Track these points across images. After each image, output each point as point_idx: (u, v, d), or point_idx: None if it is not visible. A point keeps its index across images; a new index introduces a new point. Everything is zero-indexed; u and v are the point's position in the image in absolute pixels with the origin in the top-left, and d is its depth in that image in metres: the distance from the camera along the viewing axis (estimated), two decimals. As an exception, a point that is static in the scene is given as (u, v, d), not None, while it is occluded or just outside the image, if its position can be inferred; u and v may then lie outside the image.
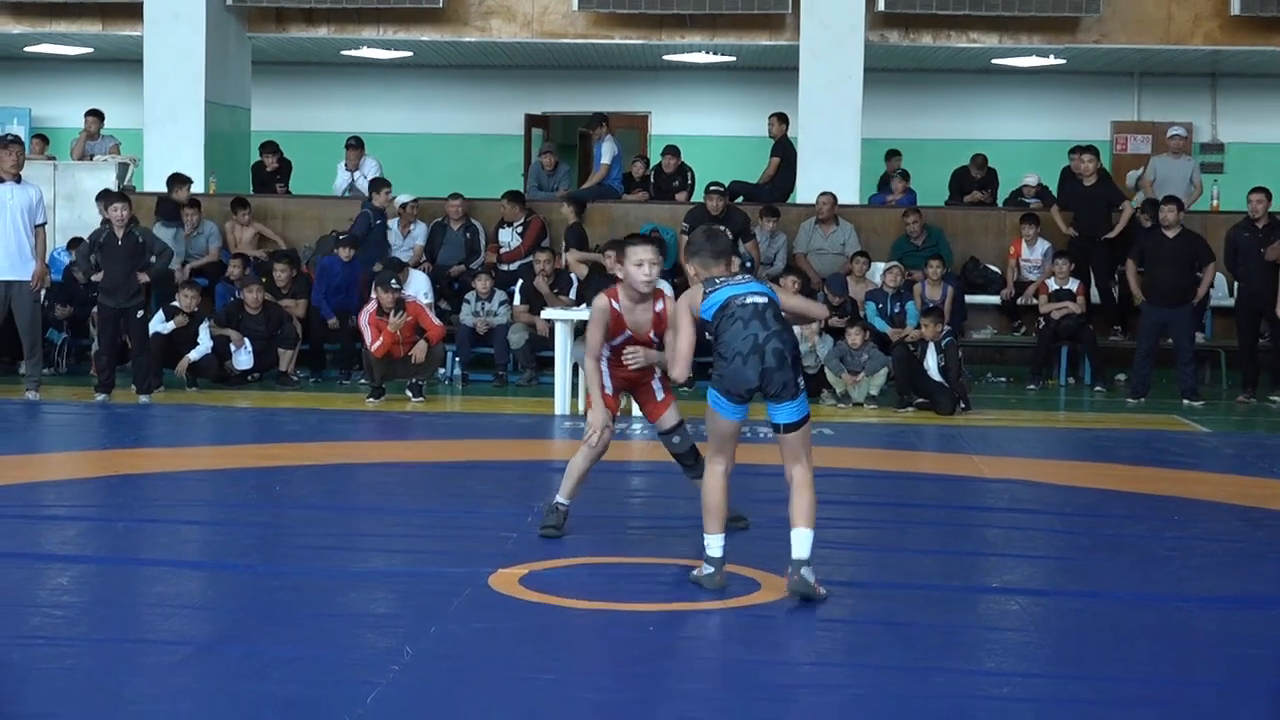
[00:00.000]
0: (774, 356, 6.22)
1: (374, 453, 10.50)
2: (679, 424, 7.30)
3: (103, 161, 17.00)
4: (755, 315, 6.27)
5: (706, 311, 6.36)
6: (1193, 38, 17.33)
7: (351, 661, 5.21)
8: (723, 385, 6.28)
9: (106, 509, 8.14)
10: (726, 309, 6.31)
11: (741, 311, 6.28)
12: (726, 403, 6.31)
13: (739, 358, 6.22)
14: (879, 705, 4.89)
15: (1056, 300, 15.04)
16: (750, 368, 6.21)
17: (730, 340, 6.24)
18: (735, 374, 6.23)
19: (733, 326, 6.26)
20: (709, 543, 6.34)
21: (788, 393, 6.27)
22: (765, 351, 6.21)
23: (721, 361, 6.28)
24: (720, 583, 6.28)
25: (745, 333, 6.23)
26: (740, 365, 6.21)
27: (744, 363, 6.21)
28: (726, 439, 6.39)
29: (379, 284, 13.24)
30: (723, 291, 6.37)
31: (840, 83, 16.67)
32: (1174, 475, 9.72)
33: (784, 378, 6.23)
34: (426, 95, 22.31)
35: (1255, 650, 5.65)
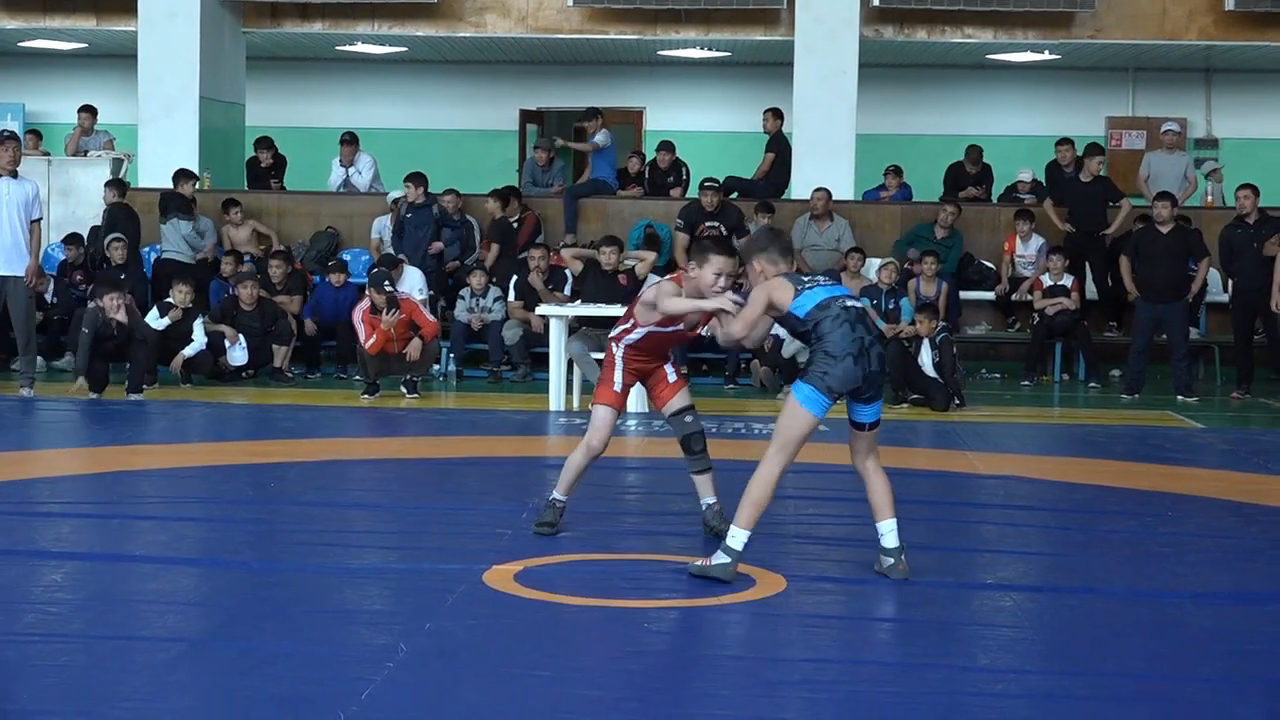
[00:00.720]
0: (878, 361, 6.48)
1: (368, 449, 10.50)
2: (690, 405, 7.29)
3: (97, 157, 16.99)
4: (860, 319, 6.49)
5: (800, 308, 6.46)
6: (1187, 33, 17.35)
7: (346, 658, 5.21)
8: (825, 383, 6.40)
9: (101, 505, 8.13)
10: (829, 309, 6.45)
11: (846, 314, 6.45)
12: (822, 399, 6.42)
13: (850, 358, 6.38)
14: (874, 701, 4.89)
15: (1051, 296, 15.05)
16: (860, 368, 6.40)
17: (840, 340, 6.40)
18: (845, 373, 6.39)
19: (841, 328, 6.42)
20: (736, 534, 6.37)
21: (879, 394, 6.59)
22: (871, 356, 6.44)
23: (829, 360, 6.39)
24: (732, 574, 6.33)
25: (854, 335, 6.41)
26: (851, 365, 6.38)
27: (854, 363, 6.38)
28: (801, 438, 6.49)
29: (372, 284, 13.24)
30: (820, 290, 6.53)
31: (835, 78, 16.68)
32: (1168, 471, 9.73)
33: (882, 381, 6.56)
34: (421, 91, 22.31)
35: (1249, 646, 5.66)
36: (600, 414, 7.15)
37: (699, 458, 7.24)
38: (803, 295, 6.48)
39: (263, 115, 19.80)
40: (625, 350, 7.20)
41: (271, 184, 17.57)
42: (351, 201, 16.85)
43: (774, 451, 6.46)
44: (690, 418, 7.25)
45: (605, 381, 7.23)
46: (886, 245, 16.11)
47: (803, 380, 6.46)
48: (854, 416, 6.62)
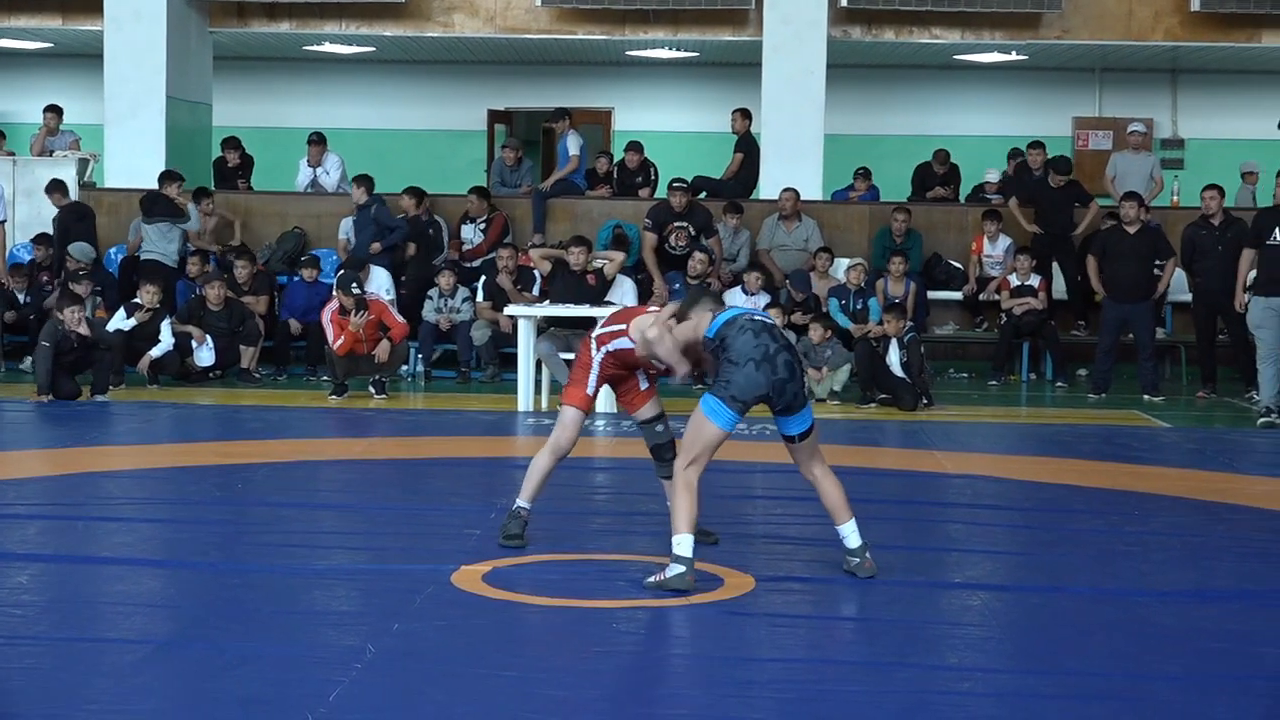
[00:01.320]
0: (785, 368, 6.44)
1: (336, 450, 10.48)
2: (661, 413, 7.30)
3: (63, 157, 16.91)
4: (765, 329, 6.50)
5: (711, 329, 6.53)
6: (1153, 34, 17.41)
7: (314, 659, 5.20)
8: (729, 391, 6.37)
9: (67, 507, 8.10)
10: (734, 323, 6.50)
11: (751, 325, 6.49)
12: (727, 411, 6.38)
13: (751, 363, 6.37)
14: (842, 700, 4.90)
15: (1018, 296, 15.09)
16: (762, 374, 6.37)
17: (741, 348, 6.40)
18: (748, 378, 6.37)
19: (743, 336, 6.43)
20: (680, 542, 6.29)
21: (798, 403, 6.51)
22: (777, 363, 6.42)
23: (731, 368, 6.39)
24: (691, 582, 6.25)
25: (756, 342, 6.41)
26: (753, 370, 6.36)
27: (756, 368, 6.37)
28: (710, 448, 6.45)
29: (339, 287, 13.20)
30: (731, 311, 6.65)
31: (802, 78, 16.69)
32: (1134, 470, 9.77)
33: (795, 389, 6.48)
34: (389, 91, 22.25)
35: (1214, 644, 5.69)
36: (569, 415, 7.12)
37: (668, 465, 7.22)
38: (715, 319, 6.56)
39: (230, 115, 19.72)
40: (605, 355, 7.12)
41: (239, 184, 17.51)
42: (319, 202, 16.80)
43: (684, 464, 6.42)
44: (661, 427, 7.26)
45: (577, 382, 7.16)
46: (855, 245, 16.13)
47: (709, 392, 6.45)
48: (782, 430, 6.60)
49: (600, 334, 7.15)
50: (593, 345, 7.14)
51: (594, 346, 7.13)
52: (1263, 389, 12.58)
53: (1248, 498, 8.68)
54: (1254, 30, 17.30)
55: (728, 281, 15.13)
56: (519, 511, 7.18)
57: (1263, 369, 12.53)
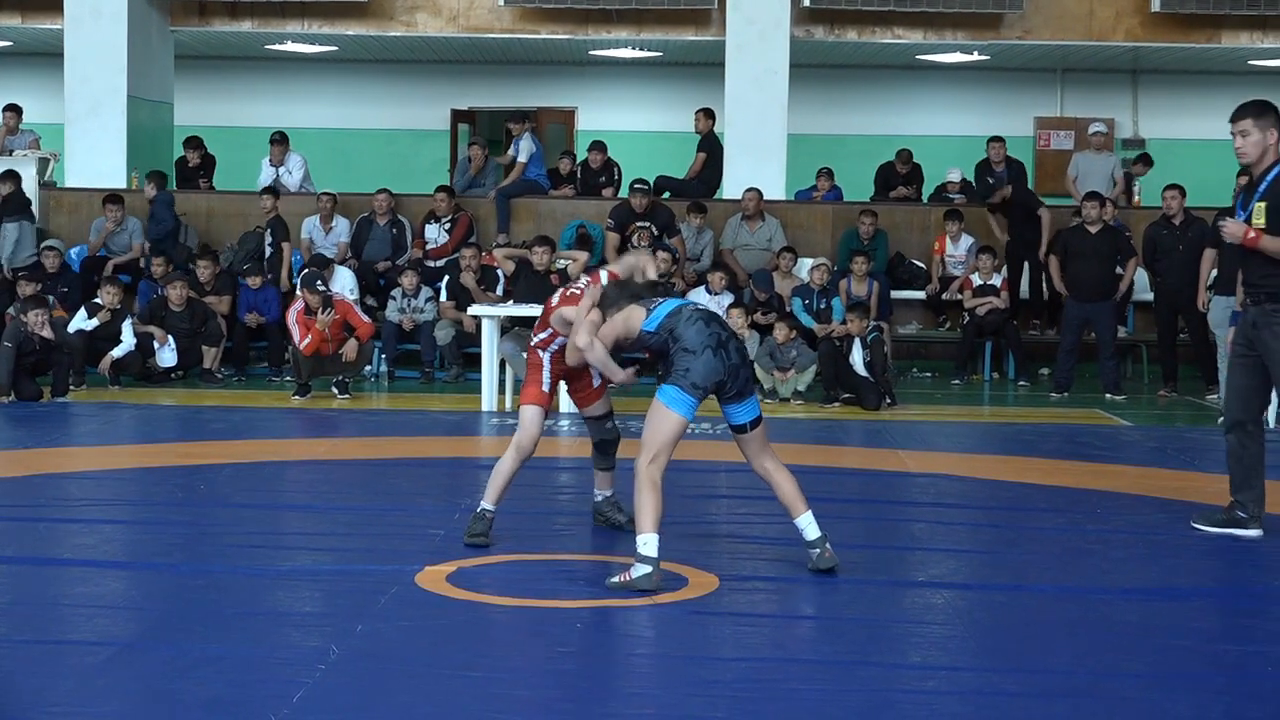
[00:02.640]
0: (737, 353, 6.51)
1: (299, 450, 10.45)
2: (610, 411, 7.41)
3: (23, 157, 16.81)
4: (713, 318, 6.56)
5: (651, 323, 6.54)
6: (1114, 34, 17.51)
7: (277, 660, 5.18)
8: (689, 379, 6.38)
9: (27, 508, 8.04)
10: (679, 314, 6.52)
11: (699, 313, 6.54)
12: (688, 398, 6.38)
13: (709, 350, 6.40)
14: (807, 699, 4.91)
15: (980, 296, 15.15)
16: (719, 360, 6.40)
17: (695, 336, 6.43)
18: (706, 365, 6.39)
19: (694, 325, 6.46)
20: (646, 541, 6.26)
21: (748, 389, 6.55)
22: (729, 349, 6.47)
23: (688, 355, 6.40)
24: (657, 581, 6.22)
25: (709, 330, 6.46)
26: (711, 357, 6.40)
27: (714, 354, 6.40)
28: (672, 440, 6.43)
29: (304, 285, 13.17)
30: (669, 303, 6.63)
31: (766, 78, 16.73)
32: (1096, 469, 9.82)
33: (747, 374, 6.55)
34: (352, 90, 22.21)
35: (1177, 641, 5.72)
36: (529, 413, 7.13)
37: (608, 459, 7.45)
38: (653, 313, 6.58)
39: (192, 114, 19.65)
40: (551, 355, 7.19)
41: (200, 184, 17.44)
42: (282, 202, 16.74)
43: (646, 461, 6.36)
44: (610, 424, 7.40)
45: (532, 382, 7.20)
46: (818, 245, 16.18)
47: (666, 383, 6.44)
48: (731, 420, 6.60)
49: (536, 341, 7.22)
50: (537, 350, 7.22)
51: (539, 351, 7.21)
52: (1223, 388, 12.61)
53: (1208, 496, 8.72)
54: (1214, 31, 17.43)
55: (691, 281, 15.15)
56: (484, 514, 7.16)
57: (1223, 367, 12.55)
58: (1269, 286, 7.41)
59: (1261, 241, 7.34)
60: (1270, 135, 7.40)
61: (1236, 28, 17.37)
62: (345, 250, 15.81)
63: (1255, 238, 7.35)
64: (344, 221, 16.07)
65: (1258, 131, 7.41)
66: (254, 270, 15.12)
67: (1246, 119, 7.43)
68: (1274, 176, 7.40)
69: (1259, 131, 7.41)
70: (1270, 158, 7.44)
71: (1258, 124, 7.40)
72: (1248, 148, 7.41)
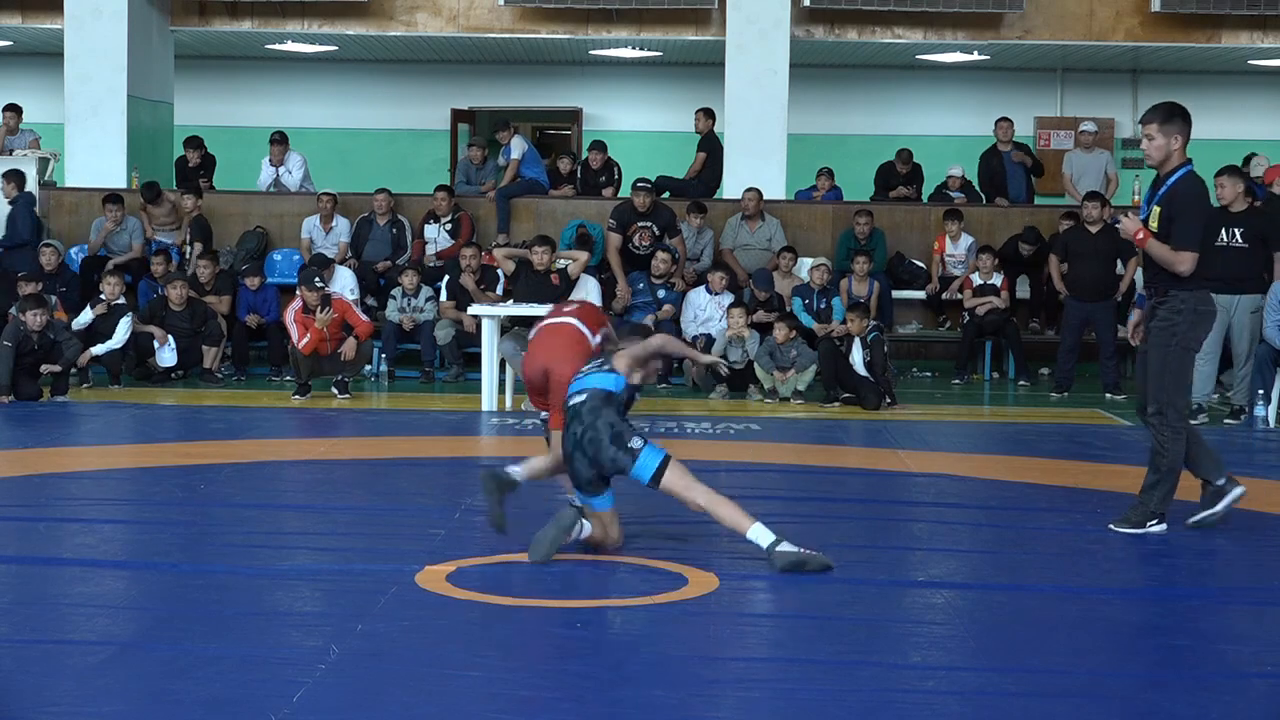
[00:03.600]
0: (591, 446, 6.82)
1: (300, 450, 10.45)
2: None
3: (23, 156, 16.81)
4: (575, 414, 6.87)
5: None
6: (1114, 34, 17.52)
7: (277, 660, 5.18)
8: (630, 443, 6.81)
9: (28, 508, 8.05)
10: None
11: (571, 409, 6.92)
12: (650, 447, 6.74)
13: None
14: (807, 699, 4.91)
15: (981, 295, 15.15)
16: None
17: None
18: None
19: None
20: (757, 531, 6.65)
21: (615, 467, 6.77)
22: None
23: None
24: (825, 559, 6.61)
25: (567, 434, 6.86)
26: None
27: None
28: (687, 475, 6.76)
29: (303, 282, 13.17)
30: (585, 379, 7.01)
31: (766, 78, 16.73)
32: (1096, 469, 9.82)
33: (602, 457, 6.75)
34: (352, 90, 22.21)
35: (1175, 641, 5.72)
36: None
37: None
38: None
39: (192, 114, 19.66)
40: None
41: (200, 183, 17.44)
42: (281, 201, 16.76)
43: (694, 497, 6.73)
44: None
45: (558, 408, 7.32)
46: (818, 245, 16.18)
47: (637, 460, 6.71)
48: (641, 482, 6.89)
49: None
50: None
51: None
52: (1197, 385, 12.50)
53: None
54: (1214, 30, 17.43)
55: (691, 281, 15.16)
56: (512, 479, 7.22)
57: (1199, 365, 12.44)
58: (1158, 282, 7.65)
59: (1149, 244, 7.55)
60: (1174, 140, 7.57)
61: (1236, 27, 17.38)
62: (345, 250, 15.82)
63: (1144, 239, 7.56)
64: (344, 221, 16.08)
65: (1162, 136, 7.58)
66: (253, 271, 15.13)
67: (1153, 123, 7.61)
68: (1173, 182, 7.60)
69: (1163, 136, 7.58)
70: (1174, 161, 7.62)
71: (1163, 129, 7.58)
72: (1152, 150, 7.62)
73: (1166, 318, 7.57)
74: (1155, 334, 7.62)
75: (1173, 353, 7.57)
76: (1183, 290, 7.54)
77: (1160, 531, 7.66)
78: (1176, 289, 7.55)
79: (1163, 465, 7.68)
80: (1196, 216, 7.55)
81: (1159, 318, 7.61)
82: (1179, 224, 7.50)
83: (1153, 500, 7.69)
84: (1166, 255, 7.49)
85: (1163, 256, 7.50)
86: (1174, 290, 7.56)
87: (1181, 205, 7.53)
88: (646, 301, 14.80)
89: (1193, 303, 7.56)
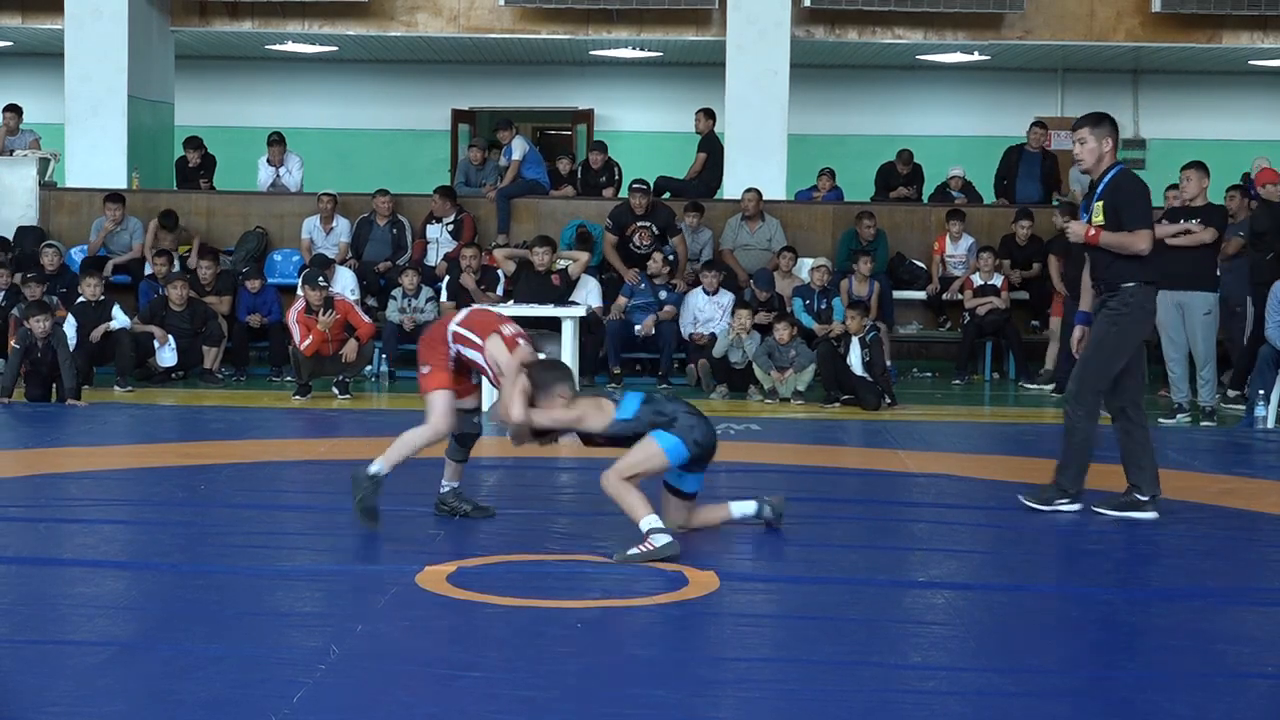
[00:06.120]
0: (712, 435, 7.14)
1: (300, 450, 10.45)
2: (479, 406, 7.80)
3: (23, 156, 16.82)
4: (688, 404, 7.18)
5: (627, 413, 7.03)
6: (1115, 34, 17.53)
7: (278, 660, 5.18)
8: (692, 435, 6.95)
9: (28, 509, 8.05)
10: (653, 399, 7.11)
11: (680, 404, 7.12)
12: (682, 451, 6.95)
13: (704, 420, 7.06)
14: (807, 700, 4.91)
15: (981, 295, 15.15)
16: (711, 430, 7.09)
17: (685, 417, 6.99)
18: (706, 430, 7.03)
19: (676, 401, 7.11)
20: (648, 520, 6.80)
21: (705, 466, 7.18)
22: (708, 425, 7.07)
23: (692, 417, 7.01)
24: (678, 548, 6.71)
25: (690, 408, 7.06)
26: (706, 425, 7.04)
27: (707, 425, 7.06)
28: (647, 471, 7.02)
29: (306, 282, 13.17)
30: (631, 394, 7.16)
31: (766, 78, 16.73)
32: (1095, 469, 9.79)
33: (710, 456, 7.16)
34: (352, 90, 22.22)
35: (1176, 641, 5.72)
36: (440, 399, 7.40)
37: (465, 451, 7.70)
38: (626, 408, 7.03)
39: (192, 115, 19.66)
40: (456, 350, 7.41)
41: (201, 184, 17.45)
42: (281, 201, 16.77)
43: (617, 475, 6.93)
44: (476, 419, 7.74)
45: (438, 368, 7.43)
46: (819, 245, 16.18)
47: (666, 431, 6.92)
48: (681, 487, 7.16)
49: (456, 332, 7.42)
50: (448, 335, 7.42)
51: (449, 337, 7.42)
52: (1173, 387, 12.46)
53: (1208, 496, 8.74)
54: (1214, 31, 17.44)
55: (691, 281, 15.15)
56: (377, 478, 7.35)
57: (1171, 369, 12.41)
58: (1108, 277, 7.90)
59: (1101, 237, 7.84)
60: (1105, 144, 7.92)
61: (1237, 28, 17.38)
62: (346, 251, 15.82)
63: (1095, 235, 7.86)
64: (344, 222, 16.08)
65: (1094, 140, 7.92)
66: (253, 273, 15.13)
67: (1085, 129, 7.95)
68: (1110, 179, 7.90)
69: (1095, 140, 7.92)
70: (1106, 163, 7.94)
71: (1094, 133, 7.92)
72: (1085, 155, 7.95)
73: (1115, 308, 7.89)
74: (1100, 322, 7.94)
75: (1108, 340, 7.90)
76: (1132, 283, 7.85)
77: (1072, 510, 8.00)
78: (1127, 283, 7.85)
79: (1074, 444, 8.05)
80: (1140, 198, 7.88)
81: (1109, 308, 7.90)
82: (1126, 211, 7.81)
83: (1064, 479, 8.06)
84: (1124, 239, 7.80)
85: (1120, 242, 7.80)
86: (1125, 284, 7.86)
87: (1125, 194, 7.86)
88: (648, 301, 14.80)
89: (1140, 299, 7.89)
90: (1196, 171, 12.05)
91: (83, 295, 13.99)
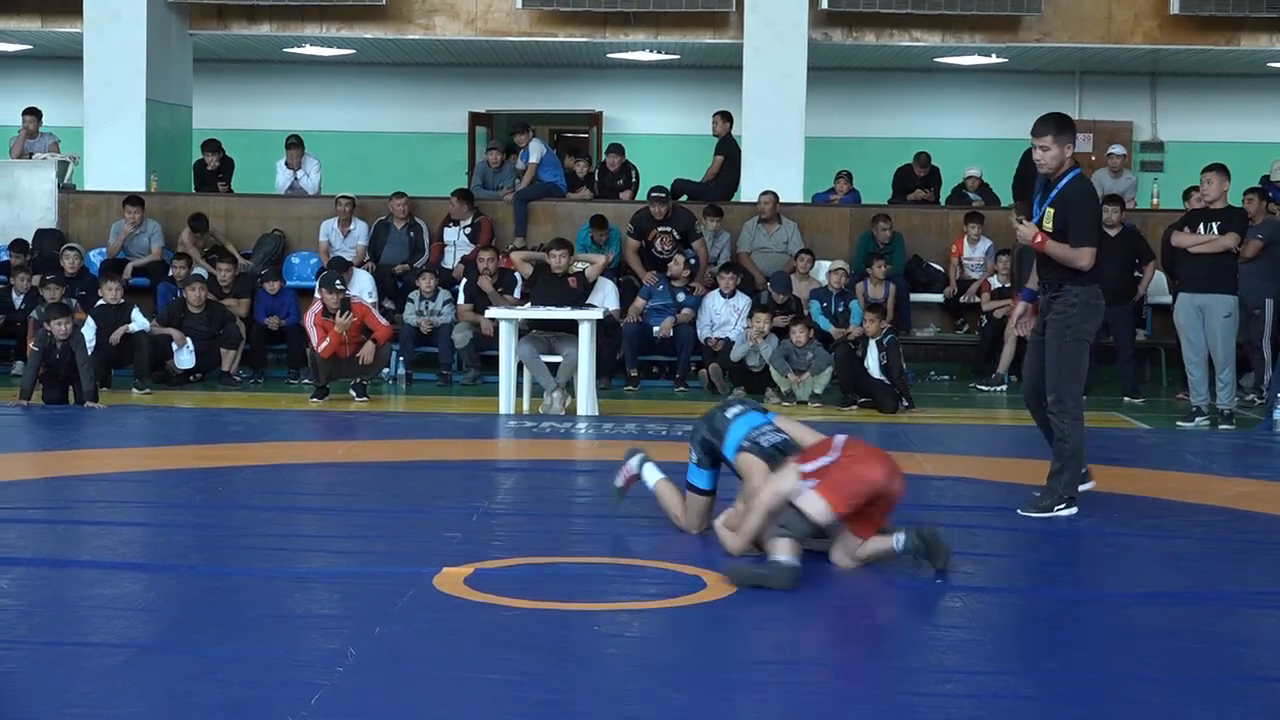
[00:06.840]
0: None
1: (318, 453, 10.46)
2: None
3: (43, 160, 16.87)
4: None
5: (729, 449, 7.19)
6: (1132, 36, 17.49)
7: (295, 663, 5.19)
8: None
9: (47, 510, 8.07)
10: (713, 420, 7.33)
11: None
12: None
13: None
14: (823, 702, 4.91)
15: (999, 298, 15.12)
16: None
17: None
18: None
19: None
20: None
21: None
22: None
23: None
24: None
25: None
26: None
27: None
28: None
29: (323, 285, 13.20)
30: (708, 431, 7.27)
31: (783, 81, 16.73)
32: (1114, 472, 9.79)
33: None
34: (369, 93, 22.25)
35: (1193, 645, 5.70)
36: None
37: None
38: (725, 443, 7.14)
39: (210, 118, 19.70)
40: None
41: (219, 187, 17.49)
42: (299, 204, 16.80)
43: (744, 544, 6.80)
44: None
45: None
46: (836, 248, 16.17)
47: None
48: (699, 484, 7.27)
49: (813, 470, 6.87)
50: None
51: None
52: (1193, 390, 12.39)
53: (1226, 499, 8.72)
54: (1233, 33, 17.40)
55: (708, 284, 15.15)
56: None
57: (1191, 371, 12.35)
58: (1053, 278, 8.04)
59: (1047, 246, 7.94)
60: (1066, 149, 8.03)
61: (1255, 30, 17.34)
62: (363, 253, 15.85)
63: (1042, 242, 7.96)
64: (362, 225, 16.11)
65: (1056, 146, 8.01)
66: (271, 276, 15.16)
67: (1048, 135, 8.02)
68: (1064, 184, 8.01)
69: (1057, 146, 8.01)
70: (1065, 167, 8.04)
71: (1057, 139, 8.01)
72: (1046, 160, 8.02)
73: (1062, 311, 8.02)
74: (1051, 327, 8.06)
75: (1068, 345, 8.04)
76: (1076, 285, 7.98)
77: (1069, 515, 8.01)
78: (1070, 284, 7.98)
79: (1065, 451, 8.13)
80: (1090, 214, 8.03)
81: (1055, 311, 8.04)
82: (1073, 225, 7.91)
83: (1059, 485, 8.10)
84: (1067, 254, 7.91)
85: (1063, 255, 7.91)
86: (1068, 286, 7.99)
87: (1075, 206, 7.94)
88: (666, 304, 14.80)
89: (1085, 296, 8.01)
90: (1218, 174, 12.01)
91: (102, 298, 14.04)
